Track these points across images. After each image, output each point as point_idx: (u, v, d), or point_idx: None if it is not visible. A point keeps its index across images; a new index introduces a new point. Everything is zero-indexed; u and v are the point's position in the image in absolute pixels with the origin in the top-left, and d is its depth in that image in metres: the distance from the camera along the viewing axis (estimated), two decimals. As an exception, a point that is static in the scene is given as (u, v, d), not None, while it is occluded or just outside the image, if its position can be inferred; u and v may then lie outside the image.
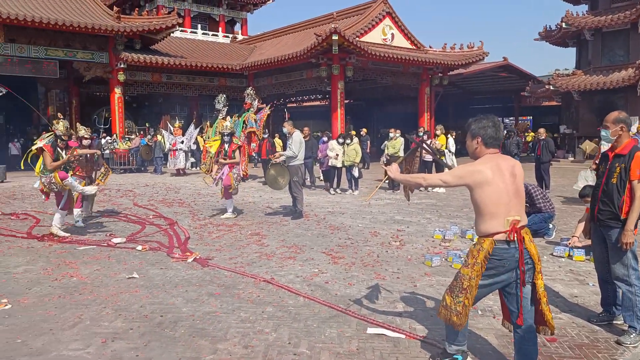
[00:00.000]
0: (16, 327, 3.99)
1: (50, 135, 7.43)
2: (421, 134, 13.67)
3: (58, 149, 7.31)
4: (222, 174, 8.94)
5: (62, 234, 7.30)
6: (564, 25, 23.35)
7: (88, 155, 8.44)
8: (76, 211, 8.18)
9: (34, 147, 7.45)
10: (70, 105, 23.69)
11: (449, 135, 15.08)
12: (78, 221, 8.17)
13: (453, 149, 14.41)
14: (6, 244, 6.95)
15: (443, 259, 5.94)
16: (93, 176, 8.71)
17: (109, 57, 20.59)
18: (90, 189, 7.73)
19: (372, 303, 4.51)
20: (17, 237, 7.44)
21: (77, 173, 8.13)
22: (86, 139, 8.66)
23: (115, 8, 21.25)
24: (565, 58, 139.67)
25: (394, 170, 3.20)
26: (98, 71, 20.59)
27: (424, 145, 3.91)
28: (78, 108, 23.63)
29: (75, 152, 7.56)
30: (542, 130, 12.44)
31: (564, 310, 4.35)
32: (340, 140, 12.42)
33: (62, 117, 7.87)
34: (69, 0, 21.91)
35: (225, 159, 8.94)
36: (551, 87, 22.96)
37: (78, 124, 8.85)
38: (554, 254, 6.17)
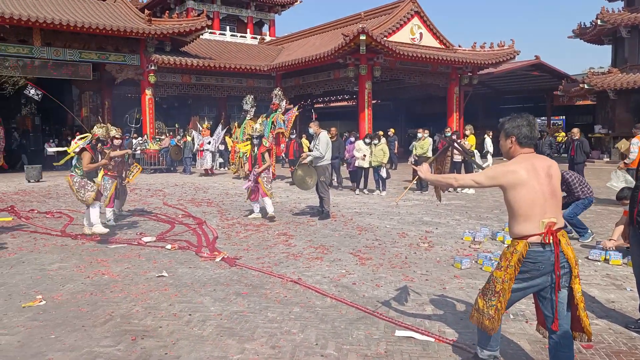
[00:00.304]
0: (50, 322, 4.09)
1: (88, 137, 7.49)
2: (448, 134, 13.47)
3: (97, 151, 7.42)
4: (253, 182, 8.81)
5: (102, 229, 7.24)
6: (599, 22, 22.71)
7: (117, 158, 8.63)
8: (108, 210, 8.37)
9: (72, 149, 7.52)
10: (103, 107, 24.26)
11: (485, 136, 14.85)
12: (110, 220, 8.35)
13: (491, 149, 14.16)
14: (41, 242, 7.15)
15: (473, 262, 5.83)
16: (124, 175, 8.88)
17: (140, 60, 21.00)
18: (100, 230, 7.24)
19: (401, 305, 4.45)
20: (52, 234, 7.64)
21: (108, 173, 8.29)
22: (117, 138, 8.84)
23: (146, 11, 21.67)
24: (600, 56, 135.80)
25: (424, 170, 3.14)
26: (130, 73, 21.02)
27: (455, 145, 3.81)
28: (110, 109, 24.18)
29: (109, 156, 7.66)
30: (576, 130, 12.11)
31: (600, 316, 4.21)
32: (367, 140, 12.34)
33: (101, 121, 7.94)
34: (102, 4, 22.45)
35: (257, 168, 8.82)
36: (585, 86, 22.36)
37: (109, 124, 9.05)
38: (589, 257, 5.98)
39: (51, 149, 17.63)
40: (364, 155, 12.10)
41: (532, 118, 2.91)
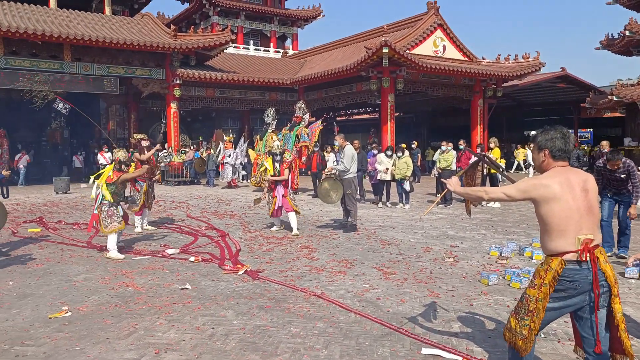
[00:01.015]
0: (75, 334, 4.11)
1: (114, 163, 7.41)
2: (461, 147, 13.25)
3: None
4: (279, 202, 8.64)
5: (117, 255, 6.97)
6: (627, 33, 22.27)
7: (151, 160, 8.86)
8: (137, 218, 8.55)
9: (103, 180, 7.48)
10: (129, 120, 24.74)
11: (526, 147, 14.67)
12: (137, 227, 8.52)
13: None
14: (68, 253, 7.25)
15: (500, 278, 5.68)
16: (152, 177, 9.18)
17: (166, 74, 21.37)
18: (116, 255, 6.94)
19: (427, 322, 4.35)
20: (78, 246, 7.74)
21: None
22: (145, 139, 9.07)
23: (172, 26, 22.09)
24: (628, 67, 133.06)
25: (453, 183, 3.07)
26: (155, 87, 21.40)
27: (485, 158, 3.69)
28: (136, 122, 24.64)
29: (146, 159, 7.81)
30: (605, 142, 11.78)
31: (637, 336, 4.04)
32: (389, 153, 12.25)
33: (117, 149, 8.09)
34: (130, 20, 23.01)
35: (275, 176, 8.75)
36: (614, 98, 21.87)
37: (135, 134, 9.35)
38: (625, 275, 5.78)
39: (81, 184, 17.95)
40: (387, 169, 12.01)
41: (566, 130, 2.81)
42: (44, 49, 18.58)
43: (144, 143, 9.02)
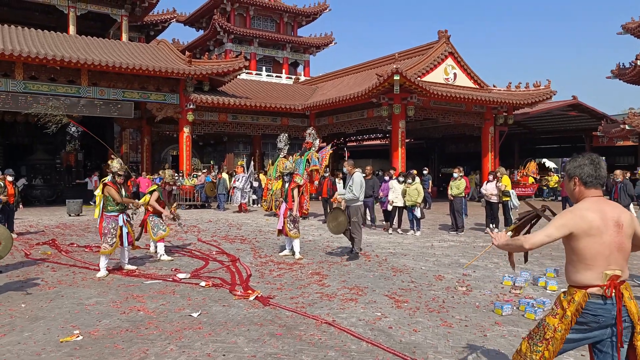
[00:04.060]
0: (86, 359, 4.09)
1: (109, 175, 7.71)
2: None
3: (118, 185, 7.55)
4: (280, 223, 8.89)
5: (103, 274, 7.27)
6: (638, 62, 22.35)
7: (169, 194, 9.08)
8: (160, 245, 8.58)
9: (98, 193, 7.74)
10: (142, 144, 25.05)
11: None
12: (162, 254, 8.57)
13: None
14: (80, 275, 7.27)
15: (514, 308, 5.59)
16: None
17: (180, 99, 21.72)
18: (102, 274, 7.28)
19: (440, 352, 4.28)
20: (90, 269, 7.77)
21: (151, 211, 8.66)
22: (170, 185, 9.17)
23: (187, 53, 22.54)
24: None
25: (500, 239, 2.93)
26: (169, 112, 21.73)
27: (544, 215, 3.28)
28: (149, 146, 24.94)
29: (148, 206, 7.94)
30: (618, 172, 11.72)
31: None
32: (401, 179, 12.26)
33: (115, 157, 8.31)
34: (146, 47, 23.52)
35: (291, 205, 8.82)
36: (627, 127, 21.85)
37: (167, 170, 9.57)
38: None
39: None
40: (392, 201, 12.07)
41: (595, 156, 2.72)
42: (62, 74, 19.03)
43: (168, 188, 9.15)
